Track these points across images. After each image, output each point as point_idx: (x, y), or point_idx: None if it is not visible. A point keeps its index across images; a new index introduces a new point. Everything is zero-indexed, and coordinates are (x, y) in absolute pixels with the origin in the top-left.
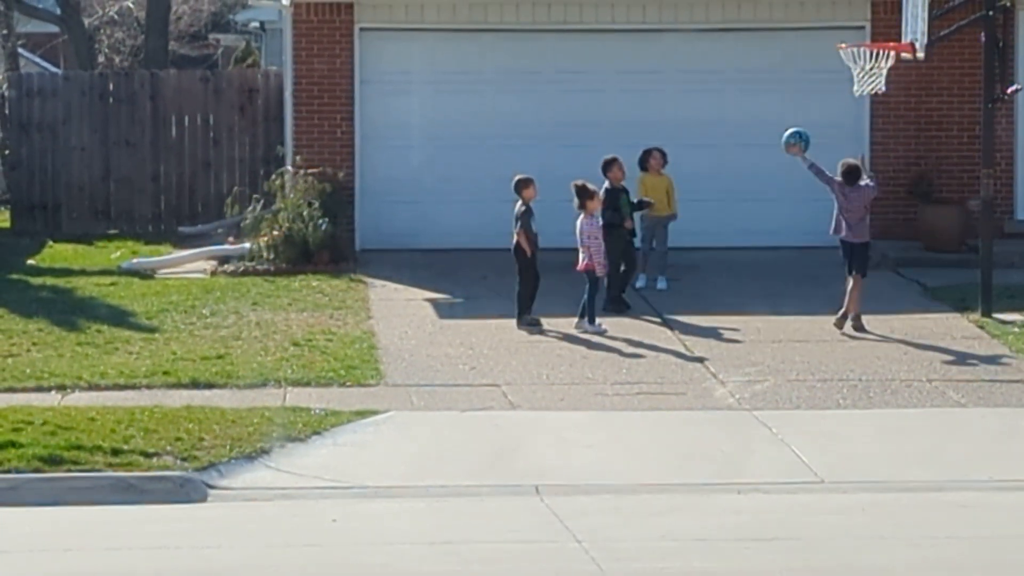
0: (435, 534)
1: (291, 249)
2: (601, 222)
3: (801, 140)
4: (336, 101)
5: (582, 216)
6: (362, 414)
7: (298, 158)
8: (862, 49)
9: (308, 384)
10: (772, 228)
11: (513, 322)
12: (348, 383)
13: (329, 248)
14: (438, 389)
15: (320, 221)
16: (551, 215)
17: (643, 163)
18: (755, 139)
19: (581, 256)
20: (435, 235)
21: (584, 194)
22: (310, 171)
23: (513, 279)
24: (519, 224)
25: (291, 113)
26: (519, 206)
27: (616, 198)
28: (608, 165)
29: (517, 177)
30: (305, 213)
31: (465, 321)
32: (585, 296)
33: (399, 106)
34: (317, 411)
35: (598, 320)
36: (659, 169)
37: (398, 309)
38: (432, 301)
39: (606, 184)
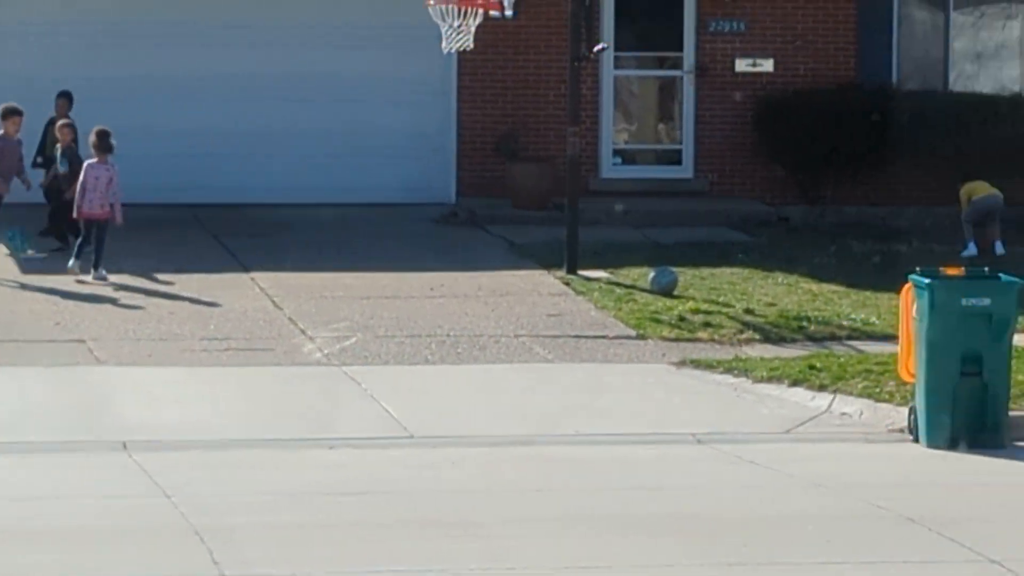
0: (22, 490)
1: None
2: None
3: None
4: None
5: (96, 161)
6: None
7: None
8: (450, 6)
9: None
10: (366, 185)
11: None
12: None
13: None
14: (22, 345)
15: None
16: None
17: None
18: (349, 95)
19: (101, 203)
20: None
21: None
22: None
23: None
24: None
25: None
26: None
27: None
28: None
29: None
30: None
31: (50, 276)
32: (95, 245)
33: None
34: None
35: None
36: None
37: None
38: (12, 256)
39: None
